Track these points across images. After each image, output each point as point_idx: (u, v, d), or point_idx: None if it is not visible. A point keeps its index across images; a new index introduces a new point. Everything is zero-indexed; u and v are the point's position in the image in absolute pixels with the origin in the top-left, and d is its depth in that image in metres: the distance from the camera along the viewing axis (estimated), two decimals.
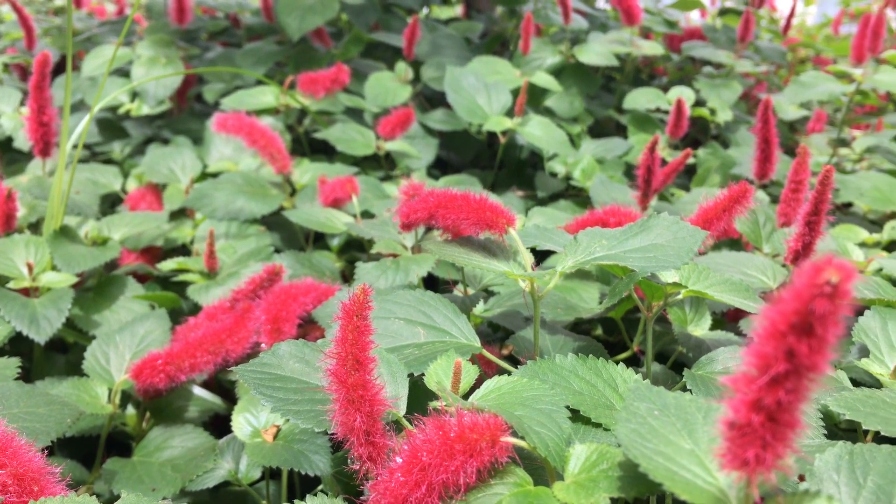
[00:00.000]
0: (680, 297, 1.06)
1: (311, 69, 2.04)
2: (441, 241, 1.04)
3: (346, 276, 1.56)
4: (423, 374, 0.80)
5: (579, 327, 1.55)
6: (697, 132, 2.45)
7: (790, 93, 1.85)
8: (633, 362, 1.28)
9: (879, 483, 0.61)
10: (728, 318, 1.49)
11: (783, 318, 0.43)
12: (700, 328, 1.24)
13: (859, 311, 1.06)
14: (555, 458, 0.63)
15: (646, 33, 2.58)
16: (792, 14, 2.94)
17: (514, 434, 0.64)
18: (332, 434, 0.69)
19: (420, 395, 0.84)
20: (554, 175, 1.92)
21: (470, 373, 0.77)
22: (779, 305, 0.43)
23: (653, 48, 2.10)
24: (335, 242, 1.65)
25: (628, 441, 0.56)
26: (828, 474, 0.62)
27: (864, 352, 1.03)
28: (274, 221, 1.69)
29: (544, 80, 1.93)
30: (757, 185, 1.69)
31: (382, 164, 1.96)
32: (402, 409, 0.76)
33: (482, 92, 1.85)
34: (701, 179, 2.05)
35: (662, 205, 1.77)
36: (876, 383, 0.96)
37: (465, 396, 0.76)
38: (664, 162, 1.87)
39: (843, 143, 2.43)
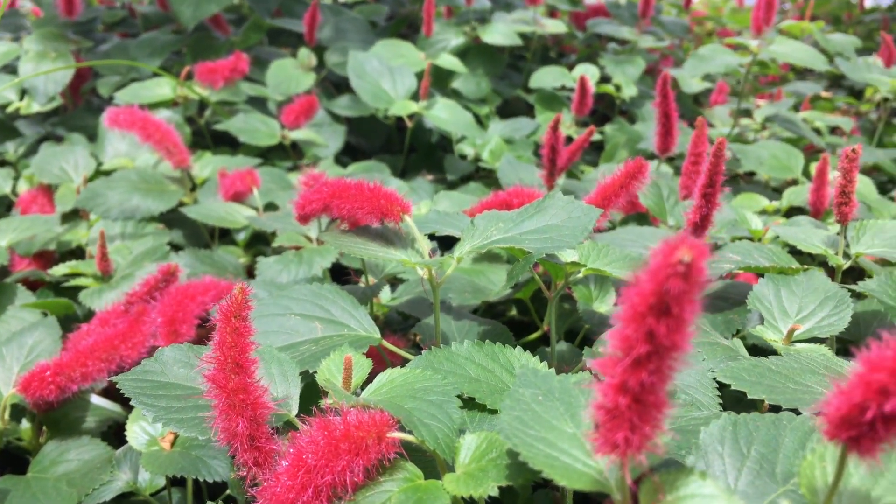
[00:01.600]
0: (580, 275, 1.07)
1: (209, 58, 1.98)
2: (338, 231, 1.01)
3: (253, 272, 1.52)
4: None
5: (495, 309, 1.55)
6: (606, 108, 2.47)
7: (689, 66, 1.88)
8: (545, 342, 1.29)
9: (763, 452, 0.62)
10: None
11: (642, 300, 0.43)
12: (605, 304, 1.25)
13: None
14: (444, 449, 0.62)
15: (552, 11, 2.59)
16: None
17: (403, 429, 0.63)
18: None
19: (318, 394, 0.83)
20: (463, 157, 1.91)
21: (363, 367, 0.75)
22: (637, 287, 0.43)
23: (556, 26, 2.11)
24: (241, 237, 1.60)
25: (510, 429, 0.55)
26: (712, 447, 0.62)
27: (762, 319, 1.06)
28: (176, 218, 1.63)
29: (449, 61, 1.91)
30: (661, 158, 1.71)
31: (289, 154, 1.92)
32: (293, 410, 0.74)
33: (387, 76, 1.82)
34: (609, 155, 2.07)
35: (571, 182, 1.78)
36: (773, 350, 0.99)
37: (360, 391, 0.74)
38: (571, 140, 1.89)
39: (747, 113, 2.50)
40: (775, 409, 0.76)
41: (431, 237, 1.38)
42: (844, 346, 1.26)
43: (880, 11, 4.00)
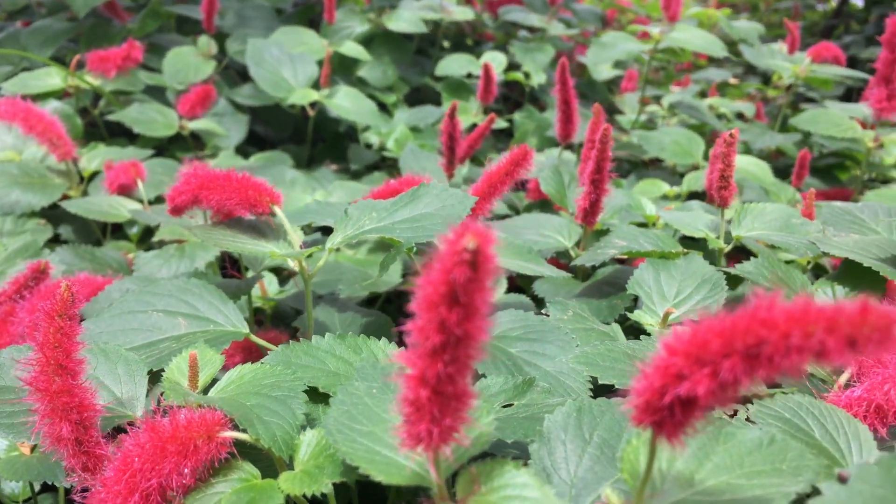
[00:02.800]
0: None
1: (105, 46, 1.90)
2: (209, 224, 0.98)
3: None
4: None
5: (403, 297, 1.53)
6: (519, 96, 2.48)
7: (591, 54, 1.89)
8: None
9: (605, 437, 0.62)
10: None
11: (432, 289, 0.41)
12: (497, 293, 1.25)
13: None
14: (281, 447, 0.60)
15: None
16: None
17: (237, 427, 0.61)
18: None
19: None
20: (369, 147, 1.89)
21: (213, 364, 0.73)
22: (427, 276, 0.42)
23: (463, 13, 2.10)
24: (134, 231, 1.55)
25: (335, 425, 0.54)
26: (556, 434, 0.62)
27: (642, 304, 1.06)
28: (65, 213, 1.57)
29: (353, 49, 1.88)
30: (562, 145, 1.72)
31: (189, 145, 1.86)
32: (138, 411, 0.71)
33: (287, 64, 1.78)
34: (518, 142, 2.07)
35: (476, 170, 1.77)
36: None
37: (208, 389, 0.71)
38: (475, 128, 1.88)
39: (658, 100, 2.53)
40: None
41: (318, 228, 1.36)
42: None
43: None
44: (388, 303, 1.58)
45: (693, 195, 1.78)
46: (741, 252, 1.45)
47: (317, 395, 0.71)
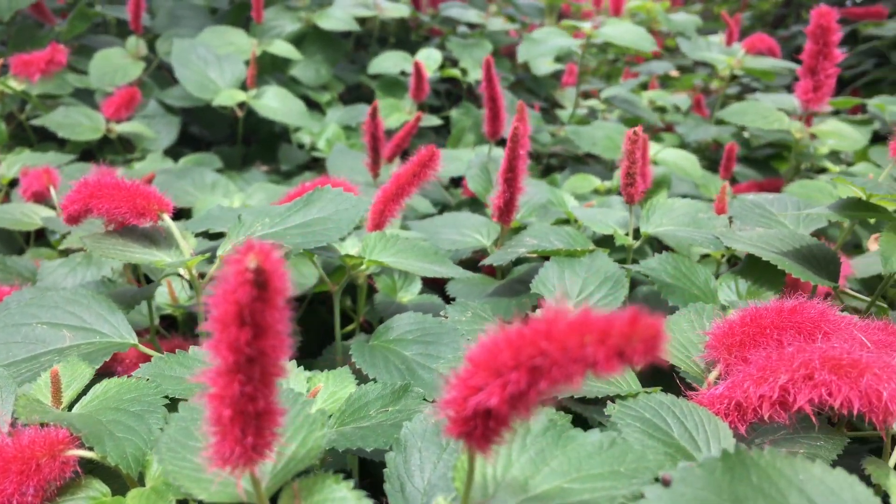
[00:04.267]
0: (363, 267, 1.05)
1: (33, 49, 1.87)
2: (100, 233, 0.97)
3: None
4: None
5: (329, 301, 1.53)
6: (461, 91, 2.47)
7: (522, 50, 1.89)
8: (368, 330, 1.28)
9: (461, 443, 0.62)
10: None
11: (222, 309, 0.41)
12: (410, 294, 1.25)
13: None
14: (130, 464, 0.59)
15: None
16: None
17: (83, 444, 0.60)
18: None
19: None
20: (302, 146, 1.88)
21: (82, 378, 0.72)
22: (216, 295, 0.41)
23: (397, 10, 2.09)
24: (56, 238, 1.52)
25: (166, 443, 0.53)
26: (412, 440, 0.62)
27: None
28: None
29: (283, 48, 1.87)
30: (492, 142, 1.72)
31: (118, 149, 1.84)
32: (4, 428, 0.70)
33: (214, 64, 1.76)
34: (456, 139, 2.07)
35: None
36: None
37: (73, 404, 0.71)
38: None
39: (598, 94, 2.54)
40: None
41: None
42: None
43: None
44: (321, 304, 1.58)
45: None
46: (668, 248, 1.46)
47: None
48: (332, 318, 1.48)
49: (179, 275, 0.93)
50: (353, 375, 0.83)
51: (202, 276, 0.97)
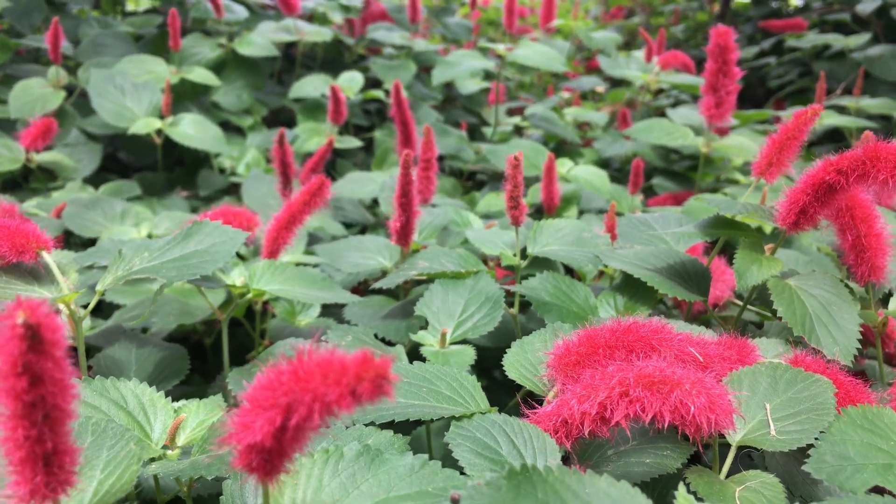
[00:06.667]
0: (250, 296, 1.09)
1: None
2: None
3: None
4: None
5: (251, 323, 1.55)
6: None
7: (437, 73, 1.94)
8: None
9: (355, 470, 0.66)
10: None
11: (3, 360, 0.44)
12: (308, 317, 1.28)
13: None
14: None
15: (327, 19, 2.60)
16: None
17: None
18: None
19: None
20: (223, 171, 1.91)
21: None
22: None
23: (319, 34, 2.13)
24: None
25: None
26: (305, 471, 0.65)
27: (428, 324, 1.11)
28: None
29: (202, 75, 1.90)
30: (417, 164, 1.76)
31: (39, 179, 1.85)
32: None
33: (131, 93, 1.79)
34: (380, 161, 2.11)
35: None
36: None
37: None
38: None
39: (521, 112, 2.60)
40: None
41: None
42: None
43: (676, 3, 4.24)
44: (239, 326, 1.60)
45: (538, 207, 1.84)
46: (567, 267, 1.51)
47: None
48: (250, 340, 1.51)
49: (59, 310, 0.96)
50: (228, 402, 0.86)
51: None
